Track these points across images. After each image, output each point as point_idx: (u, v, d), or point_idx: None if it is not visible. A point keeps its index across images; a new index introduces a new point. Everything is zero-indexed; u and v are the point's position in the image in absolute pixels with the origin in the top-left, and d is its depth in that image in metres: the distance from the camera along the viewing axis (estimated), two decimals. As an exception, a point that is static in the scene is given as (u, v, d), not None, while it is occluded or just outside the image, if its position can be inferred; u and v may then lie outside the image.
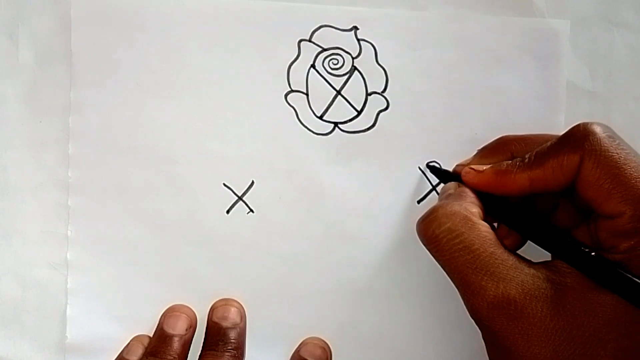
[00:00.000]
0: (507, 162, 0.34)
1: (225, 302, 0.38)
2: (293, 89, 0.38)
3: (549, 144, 0.33)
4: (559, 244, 0.32)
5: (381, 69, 0.38)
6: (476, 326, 0.32)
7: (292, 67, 0.38)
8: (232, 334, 0.37)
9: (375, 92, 0.38)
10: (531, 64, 0.39)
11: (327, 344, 0.38)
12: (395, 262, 0.39)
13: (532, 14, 0.39)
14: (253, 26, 0.38)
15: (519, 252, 0.34)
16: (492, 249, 0.31)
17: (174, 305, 0.38)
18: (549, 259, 0.33)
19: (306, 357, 0.38)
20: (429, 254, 0.33)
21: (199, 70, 0.38)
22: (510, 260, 0.31)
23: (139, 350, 0.37)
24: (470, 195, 0.34)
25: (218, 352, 0.36)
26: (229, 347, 0.36)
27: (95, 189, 0.38)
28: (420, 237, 0.33)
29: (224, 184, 0.38)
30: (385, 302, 0.39)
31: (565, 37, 0.39)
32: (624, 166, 0.30)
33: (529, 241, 0.35)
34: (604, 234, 0.31)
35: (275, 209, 0.38)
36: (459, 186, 0.35)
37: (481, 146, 0.38)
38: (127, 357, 0.37)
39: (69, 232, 0.38)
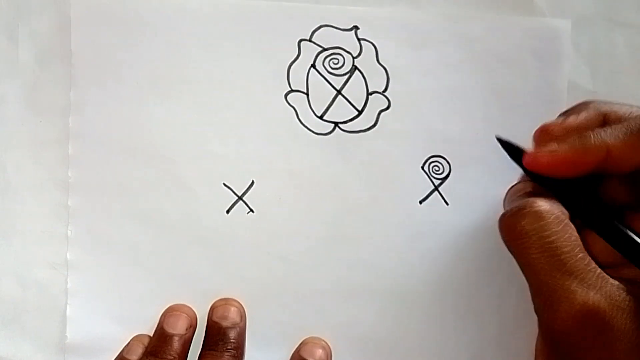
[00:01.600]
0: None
1: (225, 302, 0.38)
2: (293, 88, 0.38)
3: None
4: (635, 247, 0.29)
5: (382, 69, 0.38)
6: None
7: (292, 67, 0.38)
8: (232, 334, 0.37)
9: (376, 92, 0.38)
10: (532, 64, 0.39)
11: (327, 344, 0.38)
12: (396, 262, 0.39)
13: (533, 14, 0.39)
14: (253, 26, 0.37)
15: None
16: (581, 254, 0.29)
17: (174, 305, 0.38)
18: None
19: (306, 357, 0.38)
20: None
21: (199, 70, 0.37)
22: (597, 268, 0.29)
23: (139, 350, 0.37)
24: (552, 197, 0.31)
25: (218, 352, 0.36)
26: (229, 347, 0.36)
27: (95, 189, 0.38)
28: (504, 233, 0.31)
29: (224, 184, 0.38)
30: (385, 302, 0.39)
31: (567, 36, 0.39)
32: None
33: None
34: None
35: (275, 209, 0.38)
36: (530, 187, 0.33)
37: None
38: (127, 356, 0.37)
39: (69, 232, 0.38)
